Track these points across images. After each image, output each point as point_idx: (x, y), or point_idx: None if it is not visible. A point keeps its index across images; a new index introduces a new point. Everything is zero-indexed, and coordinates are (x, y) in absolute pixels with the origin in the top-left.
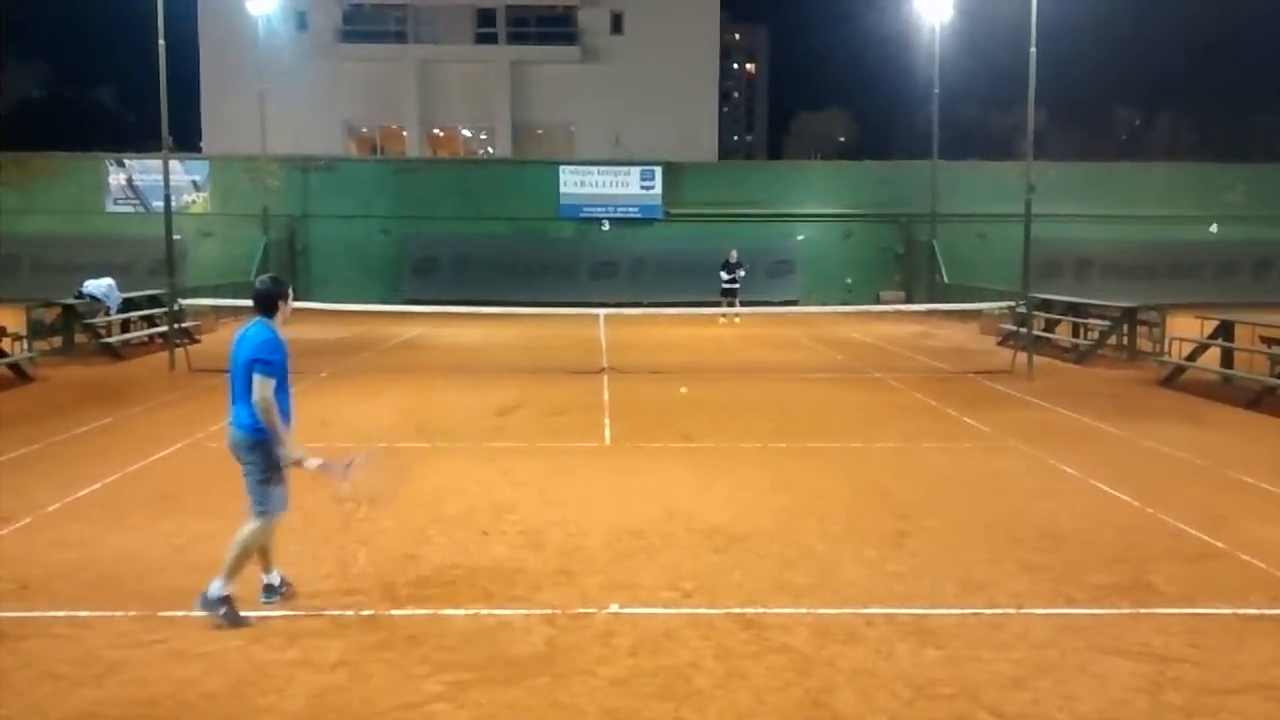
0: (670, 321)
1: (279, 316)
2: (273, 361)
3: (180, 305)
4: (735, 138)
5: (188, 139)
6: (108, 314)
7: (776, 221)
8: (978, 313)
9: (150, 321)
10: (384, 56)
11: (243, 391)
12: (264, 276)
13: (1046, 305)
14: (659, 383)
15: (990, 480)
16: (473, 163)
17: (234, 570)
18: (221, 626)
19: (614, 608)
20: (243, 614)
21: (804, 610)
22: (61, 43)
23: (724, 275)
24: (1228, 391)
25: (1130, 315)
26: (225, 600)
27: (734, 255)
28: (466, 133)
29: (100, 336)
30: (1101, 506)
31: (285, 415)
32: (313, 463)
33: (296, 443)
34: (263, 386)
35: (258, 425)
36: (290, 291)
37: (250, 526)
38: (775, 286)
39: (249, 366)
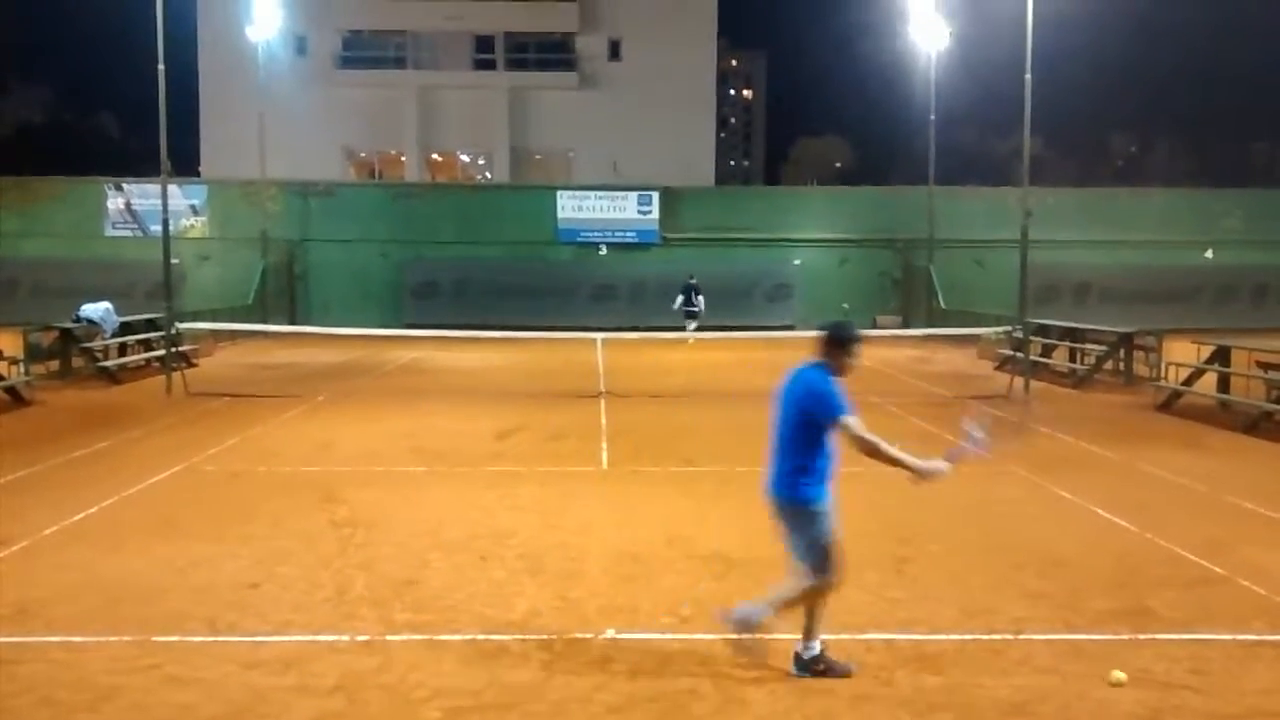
0: (667, 346)
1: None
2: (838, 406)
3: (177, 329)
4: (732, 163)
5: (187, 164)
6: (105, 338)
7: (774, 246)
8: (975, 338)
9: (147, 345)
10: (383, 82)
11: (785, 447)
12: (843, 321)
13: (1043, 330)
14: (657, 407)
15: (990, 506)
16: (471, 188)
17: (799, 617)
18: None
19: (611, 633)
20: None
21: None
22: (63, 69)
23: (685, 299)
24: (1225, 416)
25: (1127, 340)
26: (819, 659)
27: (694, 280)
28: (465, 158)
29: (97, 360)
30: (1101, 532)
31: (828, 462)
32: (944, 465)
33: (917, 457)
34: (848, 428)
35: (795, 492)
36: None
37: (801, 581)
38: (772, 311)
39: (802, 417)
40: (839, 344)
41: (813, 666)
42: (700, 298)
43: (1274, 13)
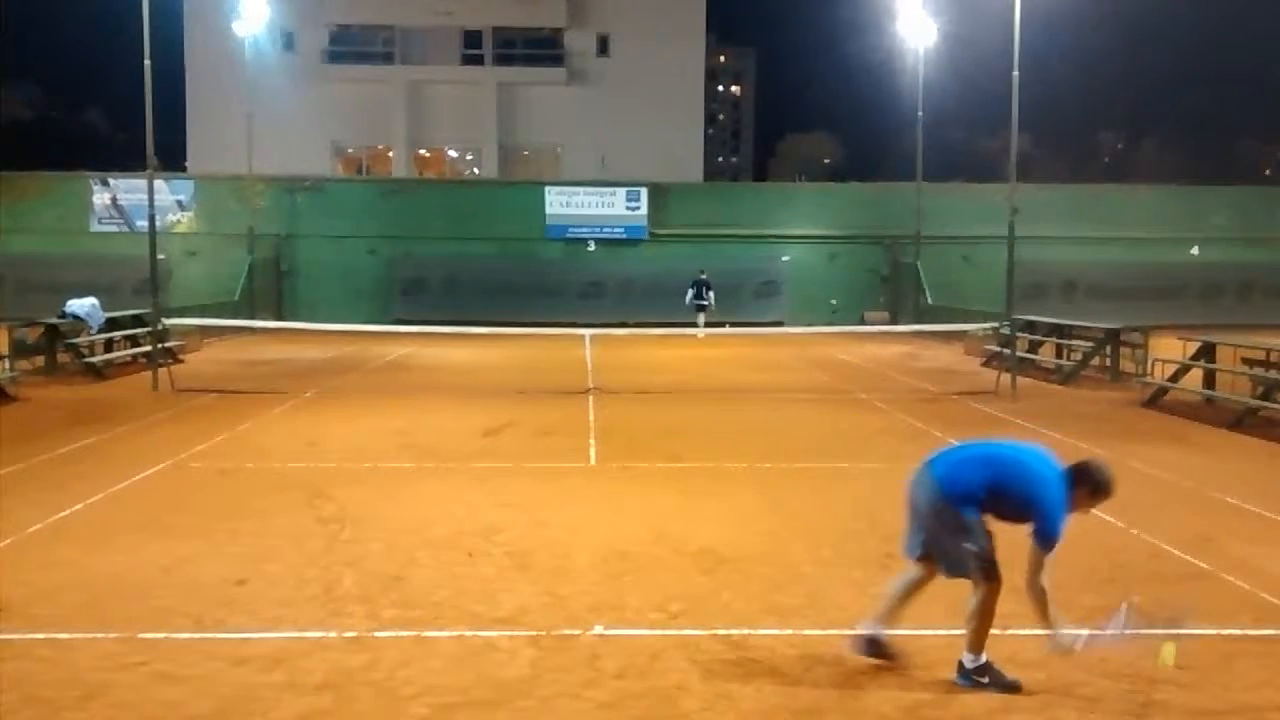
0: (656, 342)
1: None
2: (1058, 532)
3: (164, 325)
4: (721, 159)
5: (174, 160)
6: (91, 334)
7: (762, 243)
8: (962, 334)
9: (134, 341)
10: (371, 77)
11: (956, 463)
12: (1109, 472)
13: (1030, 326)
14: (645, 403)
15: None
16: (460, 183)
17: (978, 641)
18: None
19: (600, 629)
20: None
21: (791, 632)
22: (51, 65)
23: (694, 292)
24: (1210, 412)
25: (1113, 336)
26: (983, 669)
27: (705, 275)
28: (453, 153)
29: (83, 356)
30: (1087, 528)
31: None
32: (1079, 641)
33: (1059, 620)
34: (1038, 562)
35: (953, 491)
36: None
37: (977, 595)
38: (761, 307)
39: (1000, 496)
40: (1093, 487)
41: (870, 649)
42: (710, 293)
43: (1263, 11)
